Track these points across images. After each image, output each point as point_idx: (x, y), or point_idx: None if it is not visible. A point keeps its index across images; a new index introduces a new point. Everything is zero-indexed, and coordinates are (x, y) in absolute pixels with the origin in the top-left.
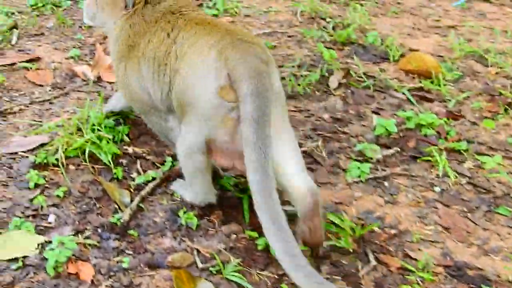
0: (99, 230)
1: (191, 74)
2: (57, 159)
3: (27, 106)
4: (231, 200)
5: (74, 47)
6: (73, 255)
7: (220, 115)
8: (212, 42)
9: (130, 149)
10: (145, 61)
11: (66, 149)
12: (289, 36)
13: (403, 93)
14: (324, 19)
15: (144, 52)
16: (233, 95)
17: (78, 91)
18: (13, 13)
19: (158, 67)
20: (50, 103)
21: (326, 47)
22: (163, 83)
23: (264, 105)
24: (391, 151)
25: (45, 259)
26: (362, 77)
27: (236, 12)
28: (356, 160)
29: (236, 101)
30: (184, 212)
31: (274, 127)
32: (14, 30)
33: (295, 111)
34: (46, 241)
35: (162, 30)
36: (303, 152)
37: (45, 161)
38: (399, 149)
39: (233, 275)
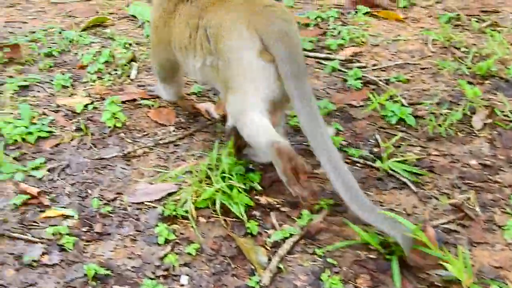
0: None
1: (230, 52)
2: (186, 211)
3: (151, 149)
4: (378, 262)
5: (195, 82)
6: None
7: (268, 75)
8: (236, 17)
9: (262, 199)
10: (174, 45)
11: (195, 199)
12: (422, 69)
13: None
14: (458, 48)
15: (171, 37)
16: (270, 56)
17: (204, 131)
18: (130, 44)
19: (186, 51)
20: (175, 145)
21: (466, 82)
22: (194, 61)
23: (298, 61)
24: None
25: None
26: (509, 116)
27: (362, 42)
28: None
29: (273, 62)
30: (328, 276)
31: None
32: (133, 63)
33: (438, 155)
34: None
35: (180, 22)
36: (452, 205)
37: (174, 213)
38: None
39: None
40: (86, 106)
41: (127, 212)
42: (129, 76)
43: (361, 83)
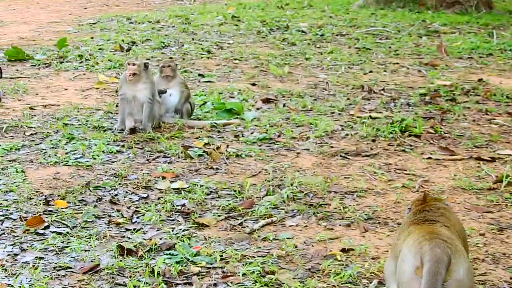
0: None
1: (401, 260)
2: None
3: None
4: None
5: None
6: None
7: (416, 286)
8: (416, 238)
9: None
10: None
11: None
12: None
13: None
14: None
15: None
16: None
17: None
18: None
19: (395, 265)
20: None
21: None
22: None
23: (434, 284)
24: None
25: None
26: None
27: None
28: None
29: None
30: None
31: None
32: None
33: None
34: None
35: (403, 239)
36: None
37: None
38: None
39: None
40: None
41: None
42: None
43: None
